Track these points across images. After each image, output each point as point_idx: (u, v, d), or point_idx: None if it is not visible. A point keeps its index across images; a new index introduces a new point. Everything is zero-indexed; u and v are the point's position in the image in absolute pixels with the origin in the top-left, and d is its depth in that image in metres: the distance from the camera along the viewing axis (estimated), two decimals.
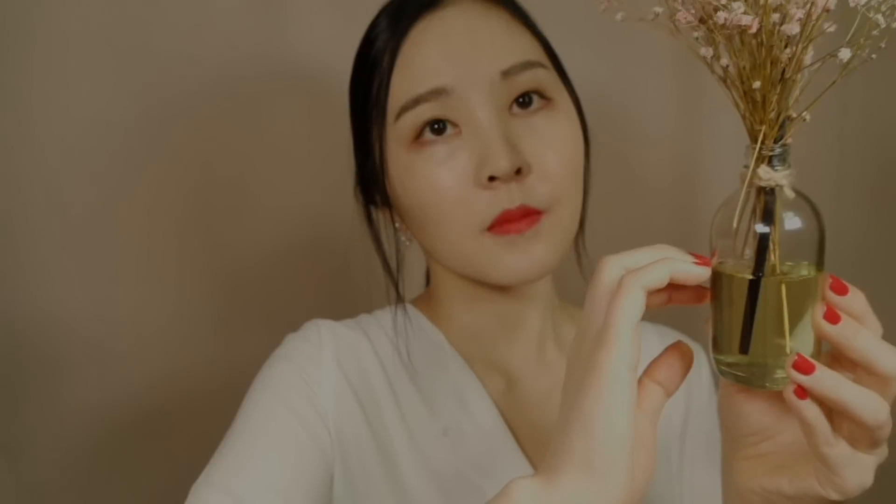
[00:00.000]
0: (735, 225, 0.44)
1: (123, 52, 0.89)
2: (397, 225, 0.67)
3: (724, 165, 1.00)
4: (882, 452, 0.45)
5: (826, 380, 0.41)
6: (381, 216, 0.70)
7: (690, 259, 0.44)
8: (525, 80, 0.61)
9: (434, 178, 0.60)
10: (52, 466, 0.91)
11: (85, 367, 0.91)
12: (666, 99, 1.02)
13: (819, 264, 0.45)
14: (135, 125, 0.90)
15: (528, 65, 0.61)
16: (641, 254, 0.44)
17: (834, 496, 0.45)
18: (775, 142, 0.43)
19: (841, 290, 0.44)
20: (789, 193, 0.43)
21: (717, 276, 0.45)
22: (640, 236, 1.03)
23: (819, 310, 0.43)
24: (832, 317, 0.43)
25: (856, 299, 0.44)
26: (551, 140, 0.61)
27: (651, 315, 0.79)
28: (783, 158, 0.43)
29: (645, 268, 0.42)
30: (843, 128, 0.97)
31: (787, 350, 0.44)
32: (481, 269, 0.62)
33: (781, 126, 0.42)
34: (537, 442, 0.66)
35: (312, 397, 0.62)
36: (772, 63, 0.41)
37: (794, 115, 0.43)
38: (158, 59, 0.90)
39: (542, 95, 0.62)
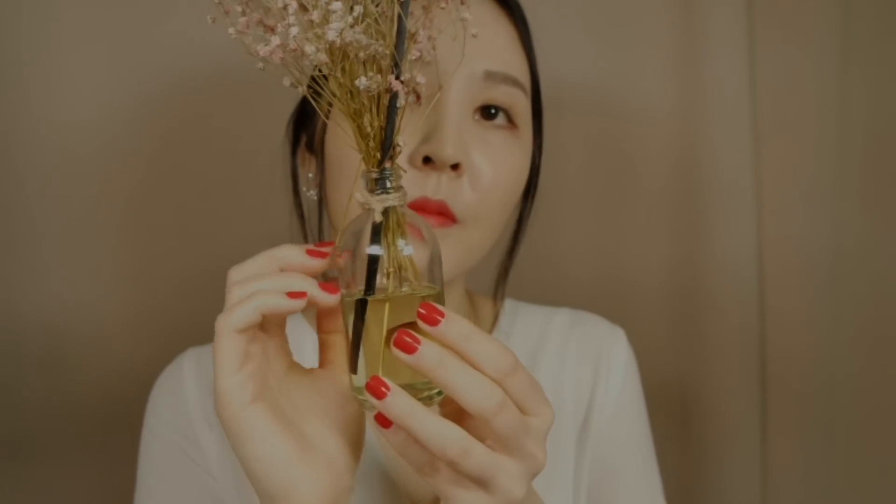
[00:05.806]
0: (338, 244, 0.45)
1: (120, 51, 0.87)
2: (310, 175, 0.65)
3: (722, 149, 0.99)
4: (508, 487, 0.41)
5: (398, 405, 0.38)
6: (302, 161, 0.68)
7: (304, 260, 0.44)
8: (502, 93, 0.58)
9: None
10: (52, 465, 0.91)
11: (84, 366, 0.90)
12: (664, 83, 0.98)
13: (435, 286, 0.44)
14: (132, 124, 0.89)
15: (513, 81, 0.58)
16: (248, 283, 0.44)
17: None
18: (377, 166, 0.43)
19: (429, 321, 0.39)
20: (377, 217, 0.43)
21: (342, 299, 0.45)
22: (640, 225, 1.02)
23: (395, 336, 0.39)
24: (402, 344, 0.38)
25: (448, 328, 0.39)
26: (499, 160, 0.58)
27: (570, 300, 0.77)
28: (386, 182, 0.43)
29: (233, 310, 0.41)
30: (844, 128, 0.94)
31: (380, 373, 0.41)
32: None
33: (385, 151, 0.43)
34: None
35: (189, 456, 0.63)
36: (351, 94, 0.42)
37: (399, 142, 0.43)
38: (155, 59, 0.88)
39: (509, 117, 0.59)
